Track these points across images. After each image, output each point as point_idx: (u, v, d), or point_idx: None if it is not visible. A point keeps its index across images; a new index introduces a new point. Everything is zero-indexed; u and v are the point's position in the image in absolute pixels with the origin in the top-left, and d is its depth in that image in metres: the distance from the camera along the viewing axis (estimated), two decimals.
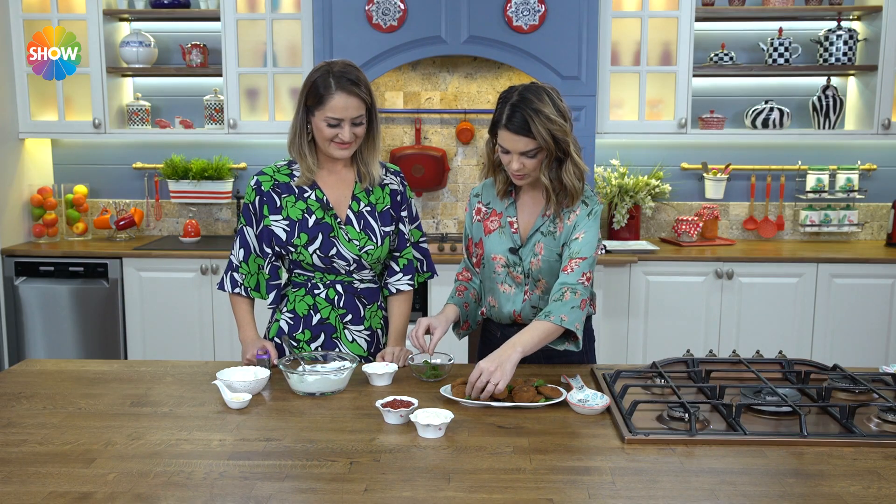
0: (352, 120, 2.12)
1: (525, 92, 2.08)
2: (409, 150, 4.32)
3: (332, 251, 2.22)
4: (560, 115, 2.07)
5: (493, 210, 2.28)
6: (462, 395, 1.95)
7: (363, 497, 1.49)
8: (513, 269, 2.23)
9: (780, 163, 4.38)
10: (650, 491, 1.51)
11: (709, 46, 4.26)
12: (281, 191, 2.24)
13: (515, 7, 3.83)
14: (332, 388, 2.02)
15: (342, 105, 2.10)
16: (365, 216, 2.26)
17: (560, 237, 2.19)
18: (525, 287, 2.24)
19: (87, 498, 1.48)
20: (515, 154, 2.08)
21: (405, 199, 2.34)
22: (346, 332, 2.30)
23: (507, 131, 2.07)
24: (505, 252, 2.24)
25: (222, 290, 2.33)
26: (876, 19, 4.06)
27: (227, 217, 4.55)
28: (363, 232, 2.24)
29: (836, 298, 3.92)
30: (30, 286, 4.07)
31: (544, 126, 2.04)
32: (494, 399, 1.92)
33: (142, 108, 4.35)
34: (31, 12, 4.15)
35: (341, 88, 2.10)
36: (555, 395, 1.96)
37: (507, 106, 2.07)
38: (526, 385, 1.98)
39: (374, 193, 2.28)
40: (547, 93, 2.08)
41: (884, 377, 2.10)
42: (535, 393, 1.95)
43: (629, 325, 3.96)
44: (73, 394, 2.04)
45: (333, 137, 2.14)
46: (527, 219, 2.24)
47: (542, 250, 2.19)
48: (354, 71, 2.15)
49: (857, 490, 1.52)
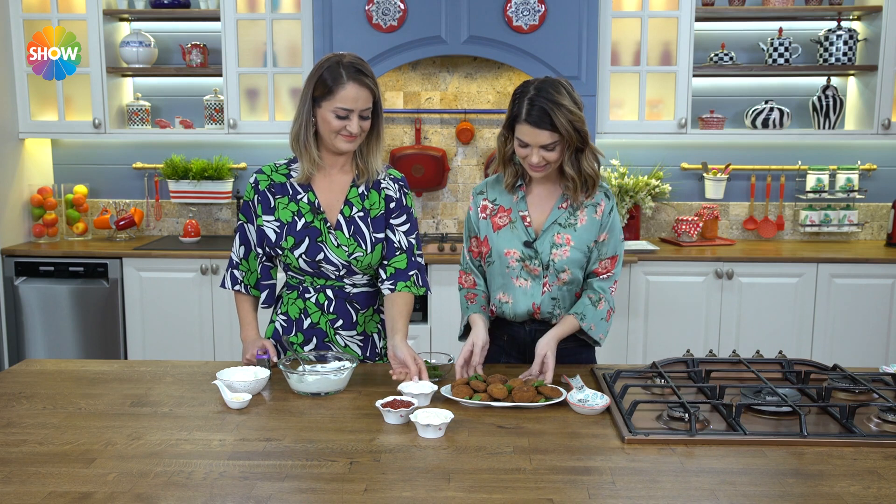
0: (360, 112, 2.11)
1: (542, 85, 2.09)
2: (409, 150, 4.31)
3: (318, 256, 2.19)
4: (577, 105, 2.09)
5: (501, 206, 2.26)
6: (462, 395, 1.95)
7: (363, 497, 1.49)
8: (528, 263, 2.22)
9: (780, 163, 4.38)
10: (650, 491, 1.51)
11: (709, 46, 4.26)
12: (276, 191, 2.23)
13: (515, 7, 3.83)
14: (332, 388, 2.02)
15: (353, 96, 2.08)
16: (356, 222, 2.22)
17: (588, 229, 2.21)
18: (544, 279, 2.23)
19: (87, 498, 1.48)
20: (536, 147, 2.09)
21: (402, 207, 2.26)
22: (337, 338, 2.28)
23: (528, 125, 2.07)
24: (519, 246, 2.22)
25: (223, 287, 2.32)
26: (876, 19, 4.05)
27: (227, 217, 4.55)
28: (353, 238, 2.20)
29: (836, 298, 3.92)
30: (30, 286, 4.07)
31: (566, 118, 2.05)
32: (494, 399, 1.92)
33: (142, 108, 4.35)
34: (31, 12, 4.15)
35: (352, 79, 2.08)
36: (555, 395, 1.96)
37: (525, 100, 2.07)
38: (526, 385, 1.98)
39: (370, 198, 2.23)
40: (563, 85, 2.10)
41: (884, 377, 2.10)
42: (534, 393, 1.95)
43: (629, 325, 3.96)
44: (73, 394, 2.04)
45: (341, 129, 2.11)
46: (539, 212, 2.24)
47: (571, 241, 2.20)
48: (363, 63, 2.14)
49: (857, 490, 1.52)
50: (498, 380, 2.01)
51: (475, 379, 2.02)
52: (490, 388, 1.95)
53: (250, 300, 2.33)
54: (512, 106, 2.12)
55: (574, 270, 2.22)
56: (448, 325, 3.70)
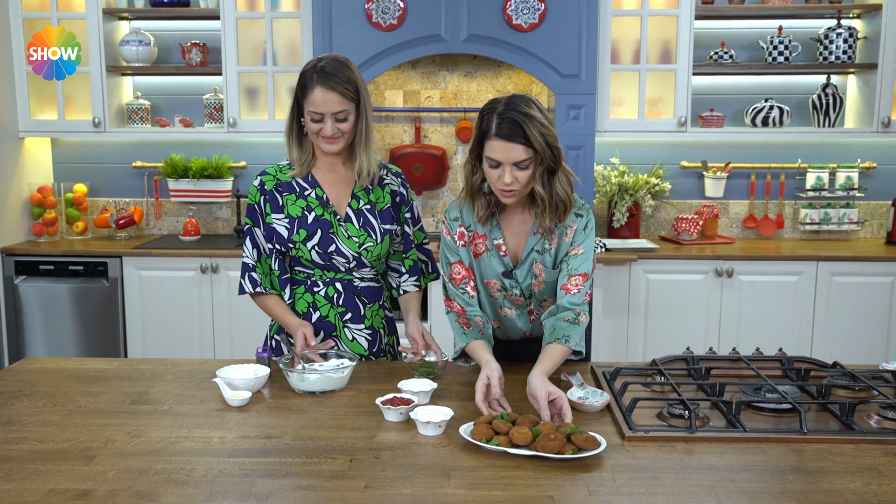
0: (333, 115, 2.11)
1: (511, 99, 1.97)
2: (408, 148, 4.31)
3: (331, 247, 2.22)
4: (548, 121, 1.97)
5: (476, 233, 2.14)
6: (481, 436, 1.68)
7: (363, 494, 1.49)
8: (509, 292, 2.17)
9: (779, 161, 4.38)
10: (650, 488, 1.51)
11: (708, 45, 4.26)
12: (283, 189, 2.25)
13: (515, 5, 3.83)
14: (332, 386, 2.02)
15: (321, 100, 2.09)
16: (364, 213, 2.26)
17: (556, 252, 2.11)
18: (528, 307, 2.20)
19: (87, 495, 1.48)
20: (508, 165, 1.94)
21: (406, 200, 2.34)
22: (345, 331, 2.30)
23: (499, 139, 1.93)
24: (498, 276, 2.15)
25: (243, 293, 2.27)
26: (876, 17, 4.05)
27: (227, 216, 4.55)
28: (363, 229, 2.24)
29: (835, 296, 3.92)
30: (30, 285, 4.07)
31: (539, 131, 1.92)
32: (514, 445, 1.65)
33: (141, 106, 4.34)
34: (30, 11, 4.15)
35: (320, 83, 2.09)
36: (588, 445, 1.63)
37: (495, 115, 1.95)
38: (557, 432, 1.66)
39: (375, 192, 2.28)
40: (532, 100, 1.98)
41: (884, 374, 2.10)
42: (563, 442, 1.63)
43: (629, 324, 3.96)
44: (73, 392, 2.04)
45: (318, 131, 2.14)
46: (516, 240, 2.13)
47: (542, 272, 2.11)
48: (341, 66, 2.12)
49: (857, 487, 1.52)
50: (527, 421, 1.72)
51: (500, 418, 1.73)
52: (513, 431, 1.66)
53: (275, 297, 2.29)
54: (479, 124, 1.98)
55: (553, 298, 2.16)
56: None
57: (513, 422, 1.72)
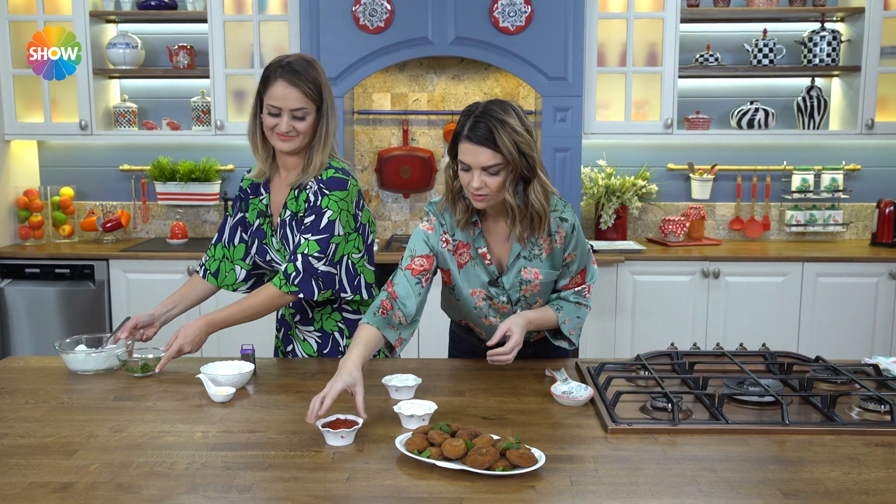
0: (291, 112, 2.09)
1: (490, 104, 1.96)
2: (396, 151, 4.32)
3: (267, 257, 2.28)
4: (525, 129, 1.95)
5: (460, 241, 2.11)
6: (413, 447, 1.59)
7: (346, 485, 1.49)
8: (495, 300, 2.15)
9: (765, 163, 4.41)
10: (632, 478, 1.52)
11: (694, 47, 4.29)
12: (250, 191, 2.31)
13: (502, 8, 3.85)
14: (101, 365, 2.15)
15: (281, 94, 2.08)
16: (286, 225, 2.20)
17: (554, 256, 2.10)
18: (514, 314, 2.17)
19: (68, 488, 1.47)
20: (477, 170, 1.93)
21: (313, 208, 2.13)
22: (297, 331, 2.33)
23: (469, 142, 1.92)
24: (483, 285, 2.13)
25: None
26: (859, 20, 4.09)
27: (215, 219, 4.54)
28: (281, 242, 2.23)
29: (821, 297, 3.95)
30: (16, 288, 4.05)
31: (510, 137, 1.90)
32: (445, 458, 1.55)
33: (129, 109, 4.34)
34: (16, 13, 4.14)
35: (283, 77, 2.08)
36: (522, 463, 1.51)
37: (470, 118, 1.94)
38: (492, 446, 1.56)
39: (299, 199, 2.17)
40: (512, 106, 1.96)
41: (865, 368, 2.11)
42: (494, 457, 1.52)
43: (616, 325, 3.97)
44: (56, 389, 2.03)
45: (273, 127, 2.11)
46: (500, 247, 2.12)
47: (539, 274, 2.10)
48: (307, 66, 2.11)
49: (838, 476, 1.52)
50: (465, 433, 1.62)
51: (437, 429, 1.63)
52: (445, 443, 1.57)
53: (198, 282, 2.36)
54: (456, 126, 1.99)
55: (546, 296, 2.18)
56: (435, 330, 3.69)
57: (453, 433, 1.63)
